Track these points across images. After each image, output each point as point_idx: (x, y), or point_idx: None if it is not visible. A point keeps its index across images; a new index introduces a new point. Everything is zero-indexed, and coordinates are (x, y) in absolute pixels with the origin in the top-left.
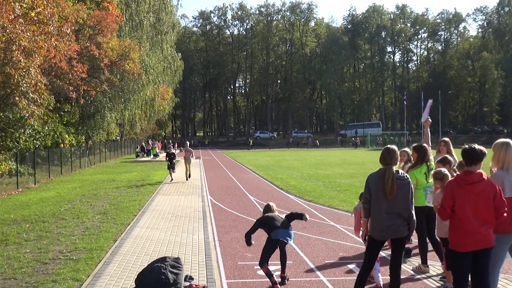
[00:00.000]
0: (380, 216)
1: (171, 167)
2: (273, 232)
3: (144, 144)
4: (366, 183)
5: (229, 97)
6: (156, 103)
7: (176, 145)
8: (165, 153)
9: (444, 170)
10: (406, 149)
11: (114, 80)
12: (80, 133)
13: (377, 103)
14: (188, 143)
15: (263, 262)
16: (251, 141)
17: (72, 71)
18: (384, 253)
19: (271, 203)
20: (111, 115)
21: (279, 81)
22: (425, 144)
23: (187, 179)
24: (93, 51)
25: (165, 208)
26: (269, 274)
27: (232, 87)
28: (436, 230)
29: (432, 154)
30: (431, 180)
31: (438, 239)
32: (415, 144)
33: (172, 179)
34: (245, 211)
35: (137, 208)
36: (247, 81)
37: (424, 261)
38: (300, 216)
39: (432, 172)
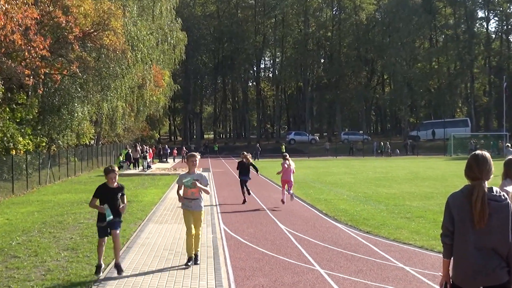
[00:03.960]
0: (466, 254)
1: (112, 228)
2: (240, 175)
3: (130, 151)
4: (446, 206)
5: (250, 84)
6: (147, 92)
7: (175, 150)
8: (100, 187)
9: None
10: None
11: (87, 59)
12: (39, 135)
13: (464, 92)
14: (197, 157)
15: (242, 189)
16: (257, 149)
17: (29, 47)
18: None
19: (246, 154)
20: (83, 110)
21: (322, 61)
22: None
23: (188, 264)
24: (58, 18)
25: (160, 242)
26: (243, 192)
27: (255, 69)
28: None
29: None
30: None
31: None
32: None
33: (99, 266)
34: (274, 247)
35: (120, 242)
36: (277, 60)
37: None
38: (255, 169)
39: None
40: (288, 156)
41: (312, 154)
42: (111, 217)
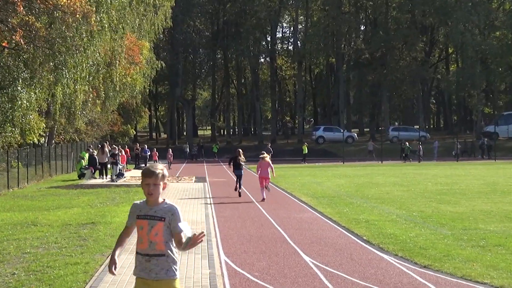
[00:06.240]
0: None
1: None
2: (234, 170)
3: (95, 153)
4: None
5: (263, 60)
6: (118, 72)
7: (155, 152)
8: None
9: None
10: None
11: (36, 26)
12: None
13: None
14: (159, 174)
15: (236, 185)
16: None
17: None
18: None
19: (240, 151)
20: (29, 96)
21: (362, 28)
22: None
23: None
24: None
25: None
26: (236, 187)
27: (269, 39)
28: None
29: None
30: None
31: None
32: None
33: None
34: (295, 287)
35: (81, 279)
36: (300, 27)
37: None
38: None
39: None
40: (266, 155)
41: (348, 157)
42: None
